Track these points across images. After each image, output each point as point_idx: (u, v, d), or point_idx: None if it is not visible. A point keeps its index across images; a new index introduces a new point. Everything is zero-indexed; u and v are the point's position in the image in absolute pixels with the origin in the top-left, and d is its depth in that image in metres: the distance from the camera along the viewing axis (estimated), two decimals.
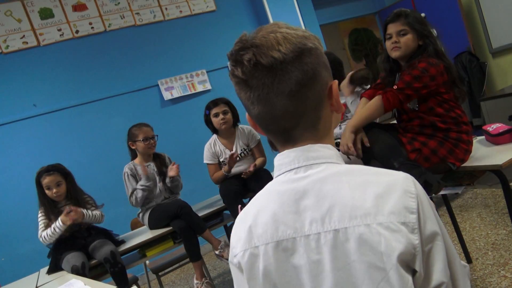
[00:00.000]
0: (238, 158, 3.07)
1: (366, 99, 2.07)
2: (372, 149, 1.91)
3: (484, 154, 1.94)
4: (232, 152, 2.99)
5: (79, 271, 2.37)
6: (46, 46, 4.03)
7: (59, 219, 2.53)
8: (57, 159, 2.87)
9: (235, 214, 2.85)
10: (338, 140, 2.56)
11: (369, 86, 2.33)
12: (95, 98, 4.15)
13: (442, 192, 2.18)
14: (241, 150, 3.10)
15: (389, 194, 0.66)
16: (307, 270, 0.69)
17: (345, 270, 0.66)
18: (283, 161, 0.76)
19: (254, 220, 0.76)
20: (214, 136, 3.14)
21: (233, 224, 3.15)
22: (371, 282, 0.64)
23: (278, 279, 0.72)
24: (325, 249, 0.68)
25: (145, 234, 2.90)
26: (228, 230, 3.44)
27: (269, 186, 0.79)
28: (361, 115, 1.96)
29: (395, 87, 1.87)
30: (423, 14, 4.82)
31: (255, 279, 0.75)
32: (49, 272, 2.59)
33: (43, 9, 4.04)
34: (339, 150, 2.55)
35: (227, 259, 2.81)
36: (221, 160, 3.10)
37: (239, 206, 2.53)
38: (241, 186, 2.96)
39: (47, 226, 2.60)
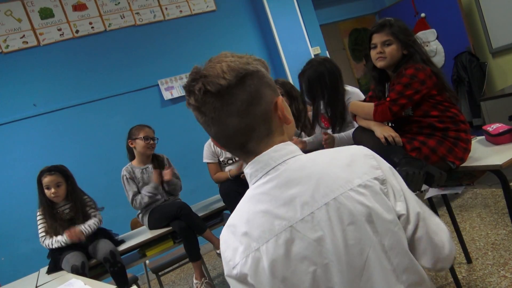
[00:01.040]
0: (237, 158, 3.08)
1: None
2: (370, 147, 1.92)
3: (484, 154, 1.94)
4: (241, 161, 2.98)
5: (79, 271, 2.37)
6: (46, 46, 4.03)
7: (65, 235, 2.54)
8: (57, 158, 2.88)
9: None
10: None
11: None
12: (95, 98, 4.15)
13: (442, 192, 2.18)
14: None
15: (355, 162, 0.82)
16: (309, 251, 0.76)
17: (344, 235, 0.76)
18: (257, 167, 0.84)
19: (247, 225, 0.81)
20: None
21: None
22: (366, 237, 0.76)
23: (285, 272, 0.77)
24: (321, 224, 0.77)
25: (145, 234, 2.90)
26: None
27: (249, 192, 0.86)
28: (356, 108, 2.13)
29: (388, 99, 1.89)
30: (423, 14, 4.86)
31: (261, 281, 0.78)
32: (49, 271, 2.59)
33: (43, 8, 4.04)
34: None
35: None
36: (221, 159, 3.10)
37: None
38: (242, 186, 2.96)
39: (47, 231, 2.60)
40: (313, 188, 0.78)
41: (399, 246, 0.78)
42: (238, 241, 0.81)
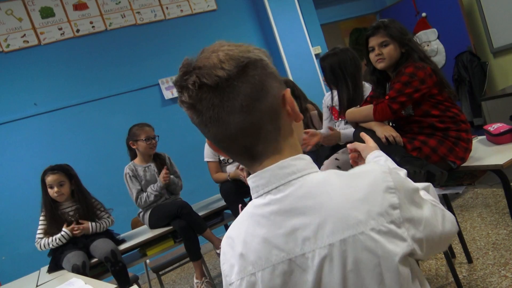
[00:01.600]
0: None
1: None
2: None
3: (485, 154, 1.94)
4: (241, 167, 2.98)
5: (79, 270, 2.37)
6: (47, 45, 4.03)
7: (64, 229, 2.54)
8: (58, 158, 2.88)
9: (236, 213, 2.85)
10: None
11: None
12: (95, 97, 4.15)
13: (442, 192, 2.18)
14: None
15: (373, 197, 0.68)
16: (310, 284, 0.69)
17: (344, 282, 0.67)
18: (259, 182, 0.74)
19: (244, 246, 0.74)
20: None
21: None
22: (372, 284, 0.67)
23: None
24: (322, 264, 0.68)
25: (145, 233, 2.90)
26: None
27: (250, 209, 0.77)
28: (354, 114, 2.11)
29: (387, 97, 1.90)
30: (424, 14, 4.85)
31: None
32: (50, 271, 2.59)
33: (44, 8, 4.04)
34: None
35: None
36: (221, 158, 3.10)
37: (240, 205, 2.54)
38: (242, 185, 2.96)
39: (45, 232, 2.61)
40: (318, 223, 0.68)
41: None
42: (234, 257, 0.75)
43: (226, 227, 3.32)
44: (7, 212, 3.72)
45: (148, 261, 3.19)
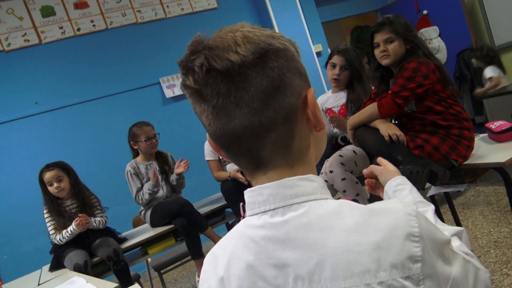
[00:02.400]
0: None
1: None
2: (373, 146, 1.93)
3: (486, 151, 1.93)
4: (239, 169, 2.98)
5: (81, 269, 2.37)
6: (47, 44, 4.03)
7: (73, 225, 2.54)
8: (59, 157, 2.88)
9: (237, 212, 2.85)
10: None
11: None
12: (96, 96, 4.15)
13: (444, 190, 2.18)
14: None
15: (390, 243, 0.54)
16: None
17: None
18: (256, 199, 0.62)
19: (226, 271, 0.64)
20: None
21: (235, 222, 3.18)
22: None
23: None
24: None
25: (147, 232, 2.90)
26: (230, 228, 3.44)
27: (241, 228, 0.66)
28: (355, 118, 2.06)
29: (390, 92, 1.89)
30: (425, 12, 4.84)
31: None
32: (51, 269, 2.60)
33: (45, 6, 4.04)
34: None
35: None
36: (220, 157, 3.10)
37: (241, 204, 2.53)
38: (243, 184, 2.96)
39: (56, 228, 2.60)
40: (315, 263, 0.56)
41: None
42: (214, 281, 0.66)
43: (228, 226, 3.32)
44: (8, 211, 3.72)
45: (149, 259, 3.19)
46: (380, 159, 1.06)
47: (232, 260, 0.63)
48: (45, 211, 2.65)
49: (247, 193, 0.64)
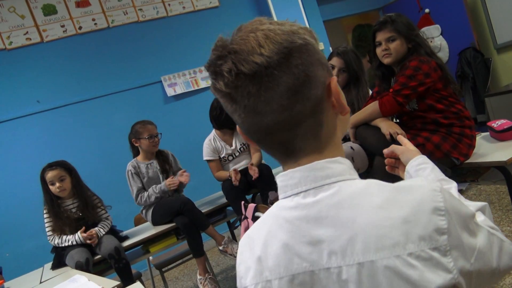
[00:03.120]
0: (237, 154, 3.10)
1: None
2: (374, 144, 1.93)
3: (488, 150, 1.93)
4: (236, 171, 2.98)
5: (83, 267, 2.38)
6: (49, 43, 4.04)
7: (80, 235, 2.56)
8: (61, 155, 2.89)
9: (238, 211, 2.85)
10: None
11: None
12: (98, 94, 4.15)
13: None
14: (240, 145, 3.11)
15: (417, 217, 0.58)
16: None
17: None
18: (288, 182, 0.67)
19: (263, 250, 0.68)
20: (213, 132, 3.14)
21: (236, 220, 3.17)
22: None
23: None
24: (348, 284, 0.60)
25: (148, 230, 2.91)
26: (231, 226, 3.45)
27: (275, 210, 0.70)
28: (357, 117, 2.06)
29: (391, 90, 1.89)
30: (427, 10, 4.83)
31: None
32: (53, 267, 2.61)
33: (46, 5, 4.05)
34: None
35: (231, 255, 2.81)
36: (221, 156, 3.10)
37: (242, 202, 2.54)
38: (244, 183, 2.96)
39: (53, 229, 2.61)
40: (347, 238, 0.59)
41: None
42: (251, 260, 0.70)
43: (229, 224, 3.32)
44: (11, 209, 3.73)
45: (151, 258, 3.20)
46: (402, 138, 1.07)
47: (268, 240, 0.68)
48: (44, 211, 2.66)
49: (279, 177, 0.69)
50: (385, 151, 1.06)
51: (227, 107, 0.66)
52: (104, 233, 2.69)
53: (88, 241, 2.57)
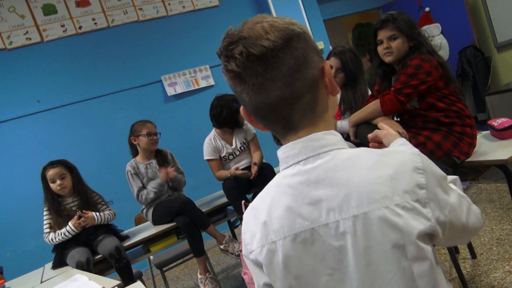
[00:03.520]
0: (237, 153, 3.10)
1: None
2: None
3: (489, 149, 1.93)
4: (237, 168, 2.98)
5: (83, 267, 2.38)
6: (49, 42, 4.04)
7: (70, 224, 2.55)
8: (61, 155, 2.89)
9: (238, 210, 2.86)
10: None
11: None
12: (98, 94, 4.15)
13: None
14: (240, 144, 3.11)
15: (401, 174, 0.70)
16: (330, 256, 0.71)
17: (367, 253, 0.69)
18: (289, 153, 0.76)
19: (268, 215, 0.76)
20: (213, 131, 3.13)
21: (236, 219, 3.17)
22: (392, 260, 0.69)
23: (301, 270, 0.73)
24: (345, 235, 0.70)
25: (149, 229, 2.91)
26: (232, 226, 3.45)
27: (278, 179, 0.79)
28: (357, 115, 2.05)
29: (392, 89, 1.88)
30: (427, 9, 4.82)
31: (275, 273, 0.75)
32: (54, 267, 2.61)
33: (46, 5, 4.04)
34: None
35: (232, 254, 2.81)
36: (222, 155, 3.10)
37: (243, 201, 2.54)
38: (245, 182, 2.96)
39: (51, 226, 2.61)
40: (344, 195, 0.70)
41: (430, 275, 0.70)
42: (257, 226, 0.78)
43: (230, 223, 3.32)
44: (11, 209, 3.73)
45: (151, 257, 3.20)
46: (382, 125, 1.16)
47: (272, 207, 0.76)
48: (45, 209, 2.66)
49: (282, 150, 0.78)
50: (370, 135, 1.18)
51: (236, 88, 0.75)
52: (102, 219, 2.67)
53: (82, 223, 2.56)
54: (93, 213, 2.64)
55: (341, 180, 0.71)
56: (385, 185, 0.69)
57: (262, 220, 0.77)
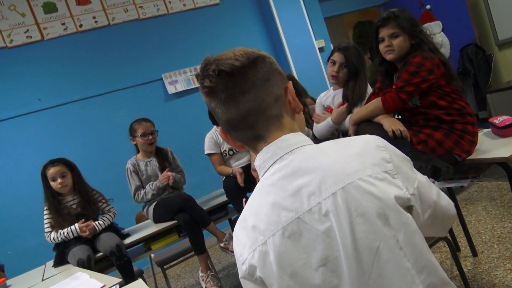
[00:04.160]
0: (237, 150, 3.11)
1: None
2: None
3: (490, 146, 1.92)
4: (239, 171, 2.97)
5: (84, 264, 2.38)
6: (50, 40, 4.04)
7: (77, 226, 2.58)
8: (62, 153, 2.89)
9: (239, 208, 2.86)
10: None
11: None
12: (99, 92, 4.15)
13: (447, 185, 2.17)
14: None
15: (366, 151, 0.78)
16: (319, 244, 0.74)
17: (352, 229, 0.72)
18: (265, 158, 0.83)
19: (255, 218, 0.80)
20: (215, 127, 3.13)
21: (237, 217, 3.15)
22: (377, 231, 0.72)
23: (294, 266, 0.75)
24: (329, 215, 0.74)
25: (150, 227, 2.91)
26: (233, 224, 3.45)
27: (260, 183, 0.84)
28: (359, 113, 2.05)
29: (394, 86, 1.88)
30: (428, 6, 4.81)
31: (270, 275, 0.76)
32: (55, 265, 2.61)
33: (47, 3, 4.04)
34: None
35: (232, 251, 2.81)
36: (222, 150, 3.09)
37: (244, 199, 2.54)
38: (245, 181, 2.96)
39: (52, 225, 2.62)
40: (320, 178, 0.75)
41: (414, 242, 0.74)
42: (247, 235, 0.80)
43: (230, 221, 3.32)
44: (12, 207, 3.74)
45: (152, 255, 3.20)
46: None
47: (258, 209, 0.81)
48: (45, 208, 2.66)
49: (258, 157, 0.85)
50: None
51: (211, 103, 0.84)
52: (103, 226, 2.70)
53: (82, 234, 2.58)
54: (94, 223, 2.66)
55: (316, 166, 0.77)
56: (355, 161, 0.76)
57: (251, 225, 0.80)
